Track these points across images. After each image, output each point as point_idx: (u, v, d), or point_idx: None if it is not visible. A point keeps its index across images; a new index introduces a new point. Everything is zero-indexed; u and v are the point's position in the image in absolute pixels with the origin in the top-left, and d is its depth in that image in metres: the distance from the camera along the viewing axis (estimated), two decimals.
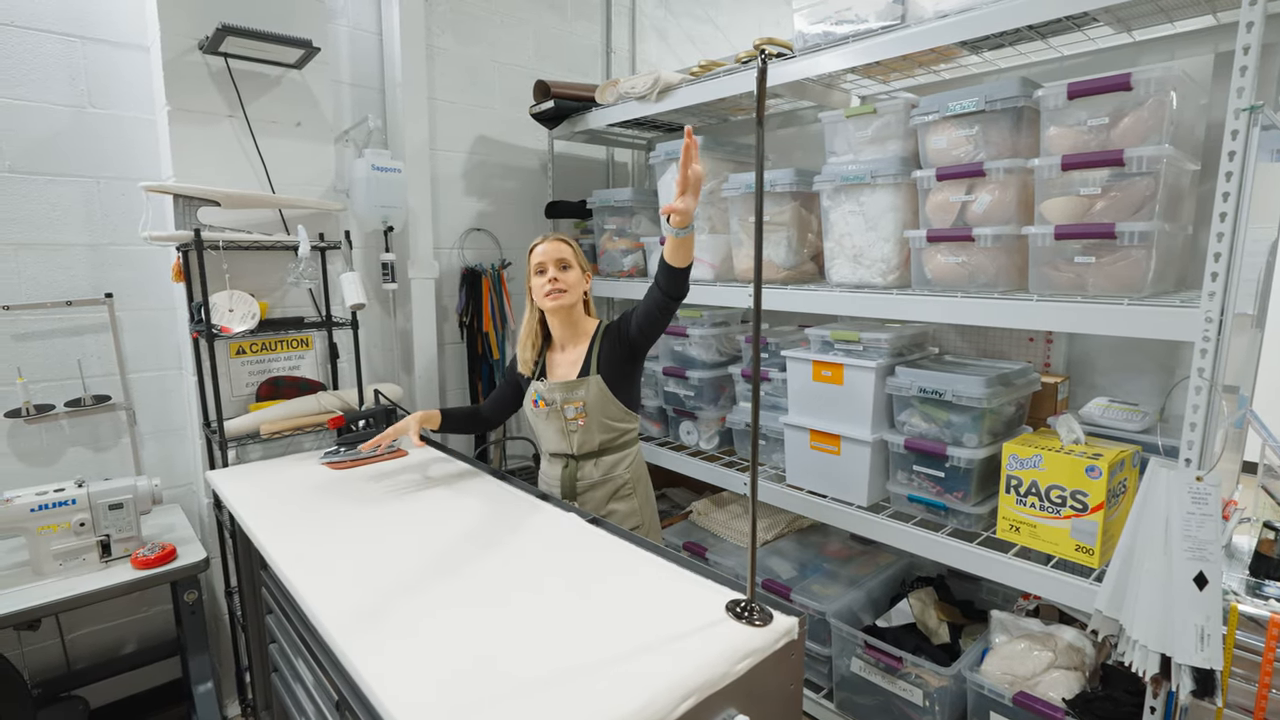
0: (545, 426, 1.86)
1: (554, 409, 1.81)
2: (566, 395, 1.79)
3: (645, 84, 2.46)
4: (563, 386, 1.79)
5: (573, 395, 1.79)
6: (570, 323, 1.84)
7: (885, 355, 2.00)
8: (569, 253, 1.80)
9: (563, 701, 0.93)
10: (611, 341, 1.81)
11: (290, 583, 1.34)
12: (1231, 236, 1.34)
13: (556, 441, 1.85)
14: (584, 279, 1.83)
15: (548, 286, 1.76)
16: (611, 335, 1.82)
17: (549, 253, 1.78)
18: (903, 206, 1.92)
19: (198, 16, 2.04)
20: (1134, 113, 1.51)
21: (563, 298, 1.77)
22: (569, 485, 1.84)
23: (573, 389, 1.79)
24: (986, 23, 1.66)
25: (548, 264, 1.77)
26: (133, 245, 2.18)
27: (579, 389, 1.79)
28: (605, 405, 1.80)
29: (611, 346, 1.80)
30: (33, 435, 2.06)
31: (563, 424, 1.81)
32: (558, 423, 1.82)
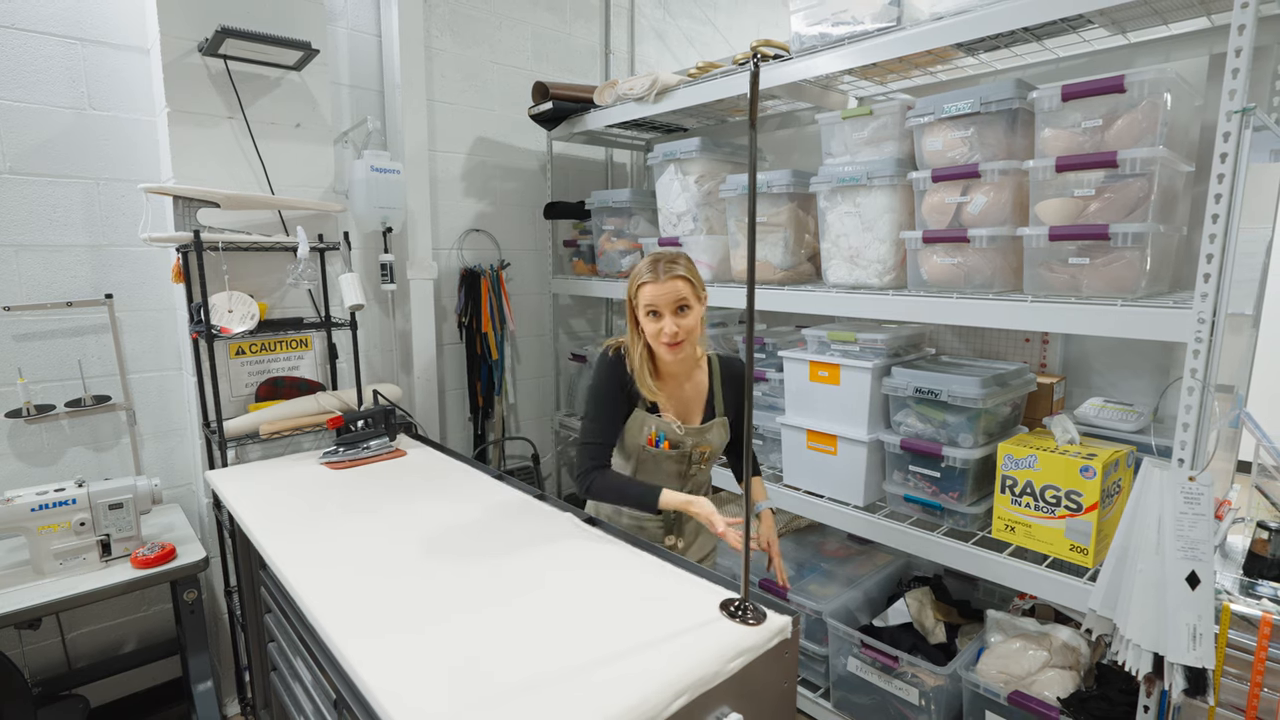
0: (658, 466, 1.64)
1: (681, 453, 1.63)
2: (698, 440, 1.63)
3: (643, 85, 2.47)
4: (694, 432, 1.62)
5: (703, 440, 1.64)
6: (686, 358, 1.61)
7: (882, 356, 2.01)
8: (688, 292, 1.51)
9: (558, 700, 0.94)
10: (731, 389, 1.68)
11: (289, 582, 1.35)
12: (1223, 238, 1.34)
13: (666, 481, 1.65)
14: (702, 308, 1.58)
15: (666, 338, 1.51)
16: (729, 383, 1.68)
17: (664, 297, 1.49)
18: (899, 208, 1.92)
19: (197, 19, 2.05)
20: (1128, 114, 1.52)
21: (682, 349, 1.53)
22: (672, 520, 1.69)
23: (703, 434, 1.64)
24: (982, 25, 1.67)
25: (663, 310, 1.50)
26: (133, 246, 2.19)
27: (708, 434, 1.64)
28: (723, 446, 1.70)
29: (731, 392, 1.68)
30: (33, 435, 2.07)
31: (684, 468, 1.66)
32: (679, 466, 1.65)
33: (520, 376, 3.19)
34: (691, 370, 1.66)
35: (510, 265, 3.07)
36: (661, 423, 1.60)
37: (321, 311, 2.36)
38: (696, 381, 1.66)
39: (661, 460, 1.63)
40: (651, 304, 1.50)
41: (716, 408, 1.66)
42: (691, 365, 1.65)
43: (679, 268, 1.52)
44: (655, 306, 1.50)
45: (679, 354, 1.53)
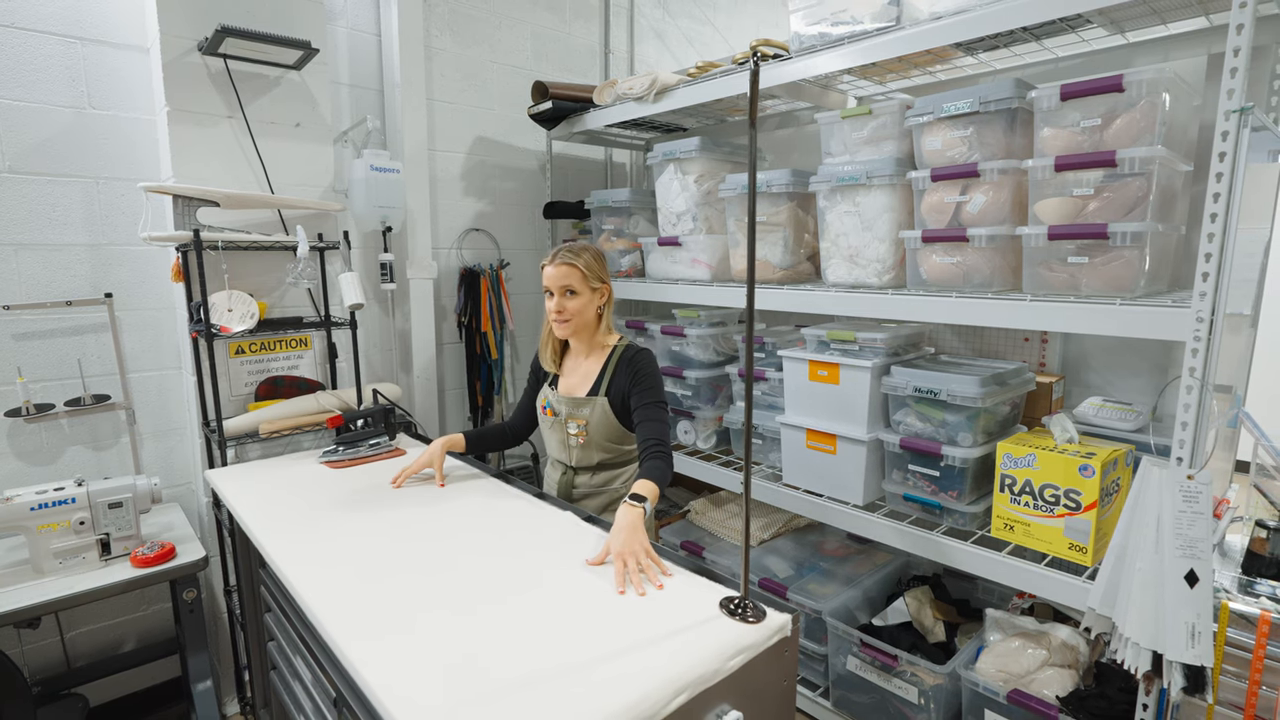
0: (549, 433, 1.87)
1: (559, 420, 1.81)
2: (571, 410, 1.78)
3: (643, 85, 2.47)
4: (570, 402, 1.78)
5: (577, 412, 1.78)
6: (583, 339, 1.80)
7: (881, 355, 2.01)
8: (576, 278, 1.71)
9: (558, 697, 0.94)
10: (624, 375, 1.74)
11: (289, 581, 1.35)
12: (1222, 237, 1.35)
13: (557, 449, 1.86)
14: (596, 298, 1.75)
15: (552, 315, 1.74)
16: (624, 369, 1.75)
17: (555, 278, 1.72)
18: (898, 207, 1.93)
19: (197, 18, 2.05)
20: (1126, 114, 1.52)
21: (566, 327, 1.74)
22: (565, 491, 1.85)
23: (578, 406, 1.77)
24: (981, 24, 1.67)
25: (553, 289, 1.73)
26: (133, 245, 2.19)
27: (584, 408, 1.77)
28: (607, 429, 1.77)
29: (623, 379, 1.74)
30: (32, 434, 2.07)
31: (565, 436, 1.81)
32: (560, 434, 1.82)
33: (519, 376, 3.19)
34: (591, 351, 1.81)
35: (510, 265, 3.07)
36: (550, 392, 1.84)
37: (321, 311, 2.36)
38: (593, 362, 1.80)
39: (546, 425, 1.86)
40: (546, 284, 1.74)
41: (600, 388, 1.76)
42: (592, 346, 1.81)
43: (573, 256, 1.72)
44: (548, 286, 1.74)
45: (565, 332, 1.75)
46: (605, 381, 1.76)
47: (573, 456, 1.82)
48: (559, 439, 1.83)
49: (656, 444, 1.63)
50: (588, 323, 1.76)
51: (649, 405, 1.70)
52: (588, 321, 1.76)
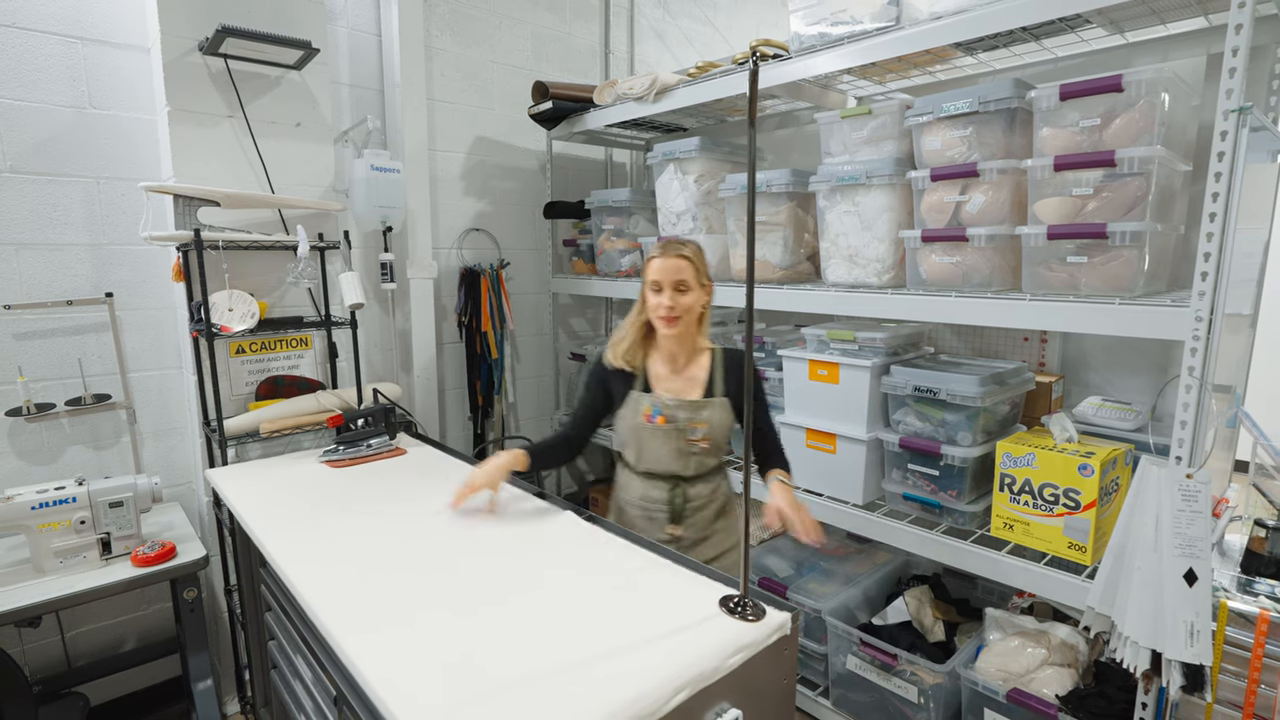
0: (657, 444, 1.66)
1: (675, 427, 1.64)
2: (692, 415, 1.64)
3: (643, 85, 2.47)
4: (688, 405, 1.64)
5: (698, 415, 1.64)
6: (684, 340, 1.68)
7: (881, 354, 2.02)
8: (689, 273, 1.60)
9: (557, 695, 0.94)
10: (735, 378, 1.68)
11: (289, 579, 1.35)
12: (1220, 237, 1.35)
13: (668, 461, 1.66)
14: (704, 294, 1.65)
15: (663, 310, 1.60)
16: (732, 366, 1.69)
17: (666, 272, 1.59)
18: (898, 207, 1.93)
19: (198, 18, 2.05)
20: (1125, 114, 1.53)
21: (675, 325, 1.61)
22: (678, 507, 1.68)
23: (698, 409, 1.64)
24: (980, 24, 1.67)
25: (664, 284, 1.60)
26: (133, 245, 2.19)
27: (704, 410, 1.64)
28: (726, 432, 1.69)
29: (734, 382, 1.68)
30: (33, 434, 2.08)
31: (681, 444, 1.64)
32: (676, 443, 1.64)
33: (520, 376, 3.19)
34: (693, 354, 1.70)
35: (510, 264, 3.07)
36: (655, 398, 1.66)
37: (321, 311, 2.37)
38: (698, 365, 1.70)
39: (653, 436, 1.66)
40: (655, 278, 1.61)
41: (716, 389, 1.67)
42: (692, 349, 1.70)
43: (685, 248, 1.62)
44: (658, 280, 1.60)
45: (673, 330, 1.61)
46: (719, 383, 1.67)
47: (691, 465, 1.67)
48: (672, 448, 1.65)
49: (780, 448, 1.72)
50: (693, 321, 1.65)
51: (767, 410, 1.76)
52: (694, 320, 1.65)
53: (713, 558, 1.71)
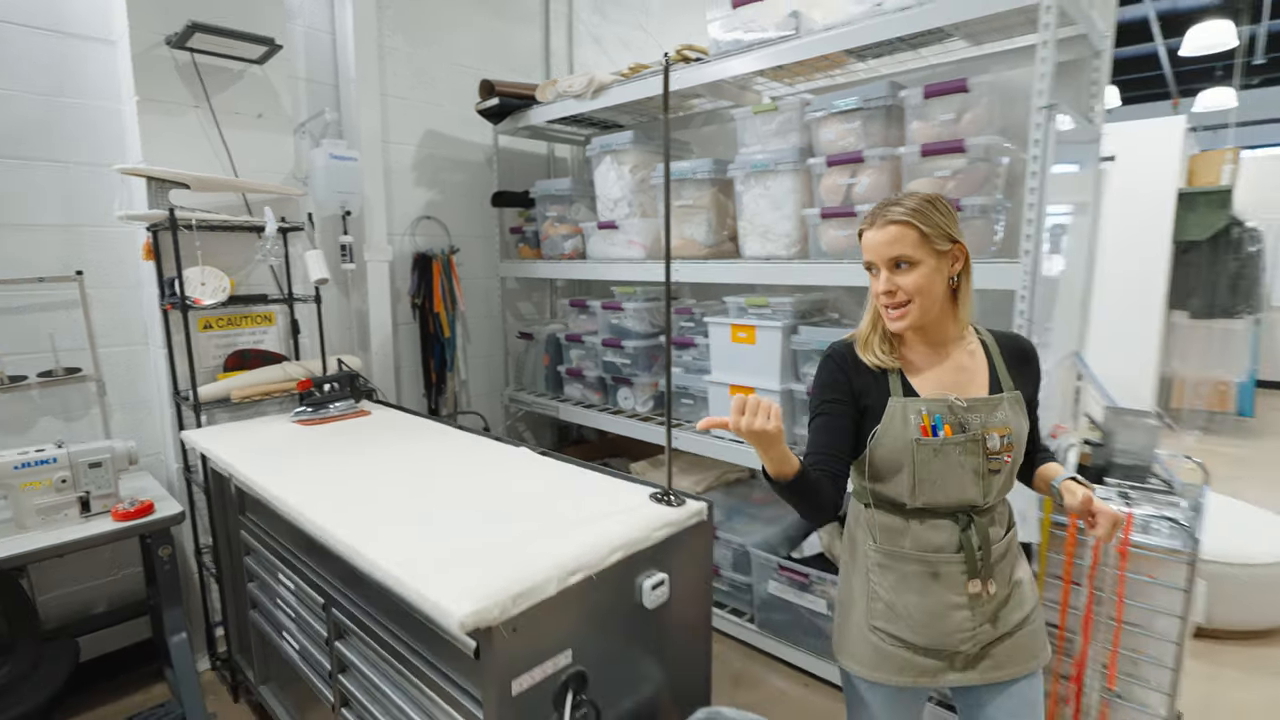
0: (943, 466, 1.18)
1: (971, 438, 1.18)
2: (988, 418, 1.19)
3: (581, 83, 2.74)
4: (983, 405, 1.19)
5: (994, 418, 1.19)
6: (941, 324, 1.23)
7: (790, 317, 2.34)
8: (911, 241, 1.16)
9: (524, 554, 1.19)
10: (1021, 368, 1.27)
11: (285, 502, 1.54)
12: (1039, 208, 1.71)
13: (959, 488, 1.19)
14: (944, 265, 1.18)
15: (883, 300, 1.21)
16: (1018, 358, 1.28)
17: (877, 247, 1.19)
18: (801, 189, 2.26)
19: (165, 14, 2.20)
20: (972, 110, 1.89)
21: (904, 316, 1.19)
22: (974, 552, 1.20)
23: (993, 409, 1.19)
24: (863, 34, 2.01)
25: (877, 263, 1.20)
26: (101, 226, 2.32)
27: (998, 409, 1.20)
28: (1024, 438, 1.23)
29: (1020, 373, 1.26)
30: (5, 405, 2.18)
31: (980, 461, 1.18)
32: (973, 460, 1.18)
33: (471, 355, 3.40)
34: (958, 340, 1.25)
35: (460, 250, 3.28)
36: (931, 402, 1.19)
37: (284, 288, 2.53)
38: (970, 355, 1.25)
39: (950, 455, 1.17)
40: (866, 257, 1.22)
41: (1001, 380, 1.23)
42: (952, 335, 1.25)
43: (899, 210, 1.17)
44: (869, 260, 1.22)
45: (903, 323, 1.19)
46: (1002, 375, 1.24)
47: (992, 491, 1.20)
48: (971, 468, 1.18)
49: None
50: (937, 305, 1.20)
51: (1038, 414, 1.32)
52: (937, 304, 1.19)
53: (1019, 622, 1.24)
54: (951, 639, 1.21)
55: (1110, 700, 1.74)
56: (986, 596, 1.21)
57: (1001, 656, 1.23)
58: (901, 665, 1.24)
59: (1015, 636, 1.24)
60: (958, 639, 1.21)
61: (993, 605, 1.22)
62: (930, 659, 1.23)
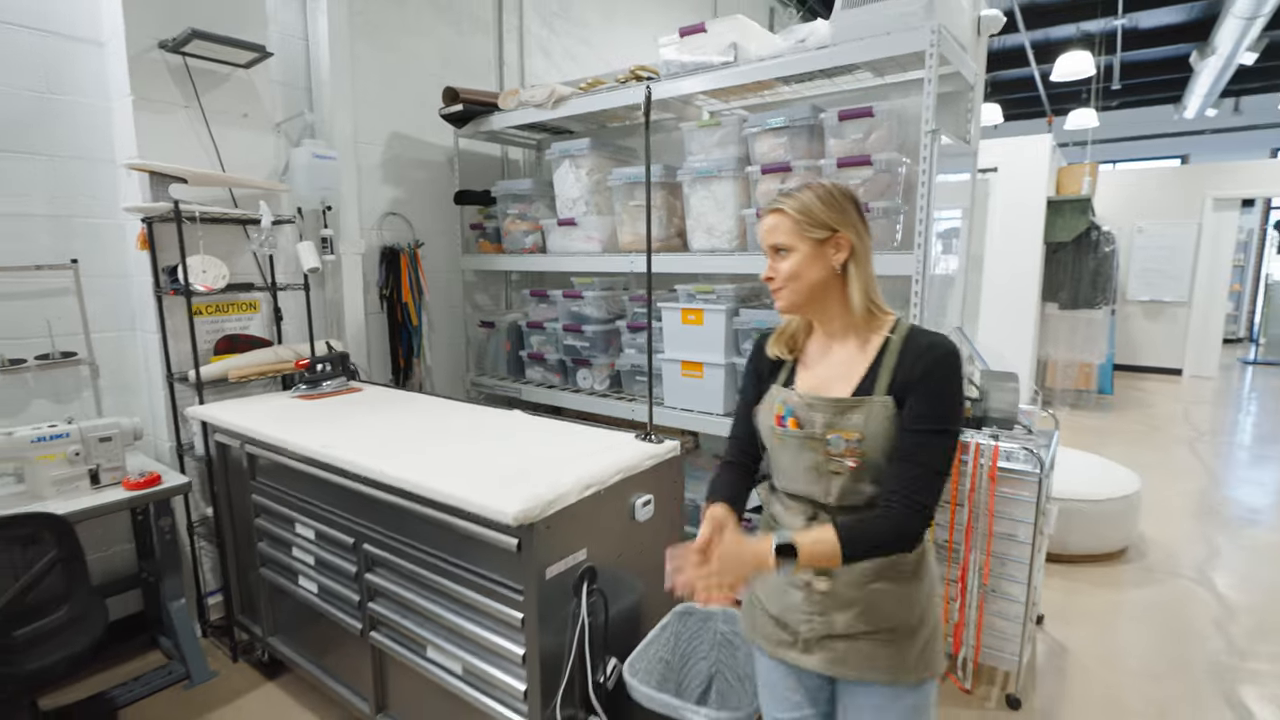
0: (789, 457, 1.24)
1: (810, 435, 1.19)
2: (833, 419, 1.18)
3: (543, 94, 3.05)
4: (830, 405, 1.18)
5: (842, 420, 1.17)
6: (830, 317, 1.25)
7: (732, 301, 2.74)
8: (785, 229, 1.21)
9: (550, 474, 1.52)
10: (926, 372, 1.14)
11: (328, 455, 1.79)
12: (929, 210, 2.18)
13: (804, 481, 1.23)
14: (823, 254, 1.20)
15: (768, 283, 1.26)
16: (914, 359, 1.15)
17: (761, 235, 1.25)
18: (740, 193, 2.66)
19: (158, 19, 2.36)
20: (878, 131, 2.34)
21: (782, 297, 1.25)
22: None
23: (844, 411, 1.17)
24: (791, 66, 2.43)
25: (767, 249, 1.25)
26: (90, 218, 2.44)
27: (854, 413, 1.16)
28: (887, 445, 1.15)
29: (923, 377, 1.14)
30: (2, 387, 2.28)
31: (819, 460, 1.19)
32: (811, 457, 1.20)
33: (434, 344, 3.63)
34: (857, 331, 1.23)
35: (424, 244, 3.51)
36: (791, 394, 1.23)
37: (268, 278, 2.72)
38: (854, 348, 1.23)
39: (783, 444, 1.23)
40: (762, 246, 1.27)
41: (878, 382, 1.17)
42: (853, 324, 1.23)
43: (779, 200, 1.23)
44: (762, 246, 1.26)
45: (782, 304, 1.25)
46: (884, 374, 1.17)
47: (833, 490, 1.20)
48: (807, 464, 1.21)
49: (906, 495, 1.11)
50: (812, 292, 1.22)
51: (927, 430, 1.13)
52: (811, 290, 1.21)
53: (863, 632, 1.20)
54: (792, 616, 1.25)
55: (986, 594, 2.23)
56: (816, 589, 1.21)
57: (843, 651, 1.21)
58: (764, 631, 1.30)
59: (859, 641, 1.20)
60: (796, 618, 1.24)
61: (829, 602, 1.21)
62: (779, 630, 1.27)
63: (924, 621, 1.22)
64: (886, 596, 1.20)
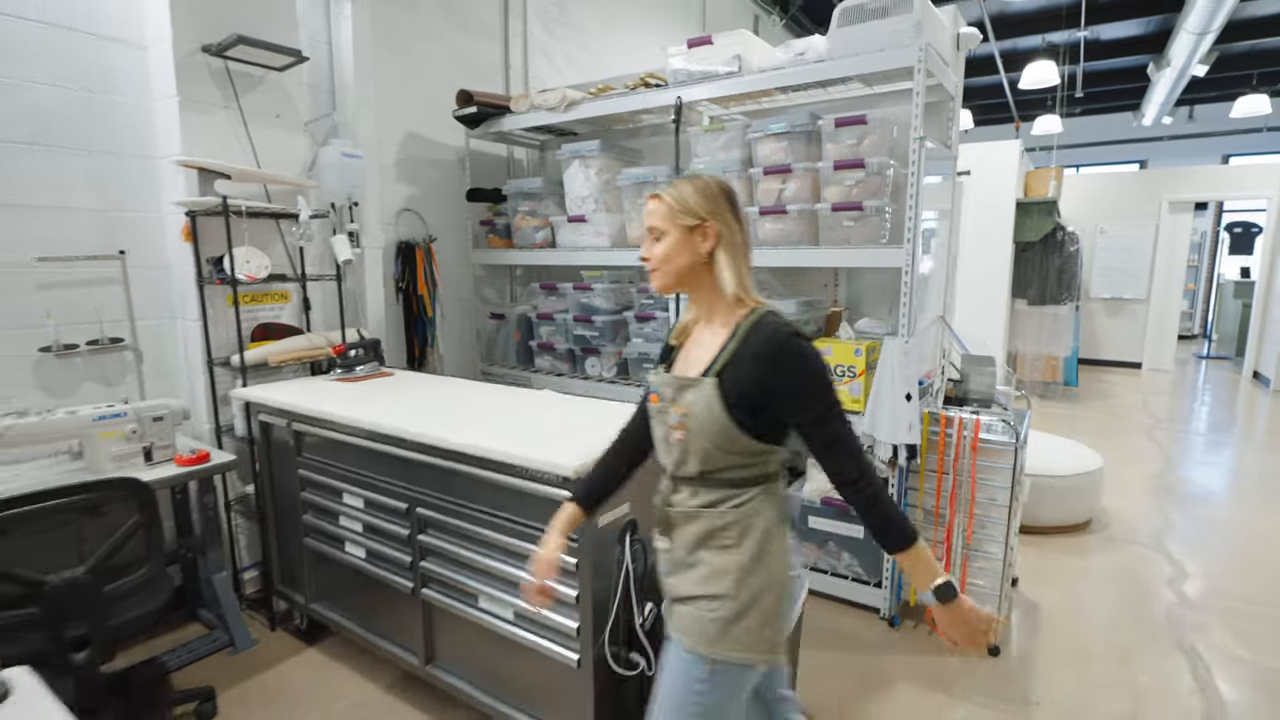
0: (656, 430, 1.37)
1: (661, 410, 1.32)
2: (675, 395, 1.28)
3: (555, 98, 3.24)
4: (675, 383, 1.30)
5: (680, 398, 1.27)
6: (701, 301, 1.33)
7: None
8: (660, 214, 1.29)
9: (594, 436, 1.72)
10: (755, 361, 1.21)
11: (368, 423, 1.97)
12: (916, 209, 2.42)
13: (662, 451, 1.36)
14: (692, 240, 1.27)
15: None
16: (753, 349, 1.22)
17: (643, 218, 1.33)
18: (743, 193, 2.89)
19: (202, 25, 2.51)
20: (870, 137, 2.58)
21: (655, 278, 1.33)
22: (662, 510, 1.35)
23: (683, 389, 1.27)
24: (791, 77, 2.66)
25: (646, 231, 1.33)
26: (132, 211, 2.57)
27: (688, 391, 1.26)
28: (713, 428, 1.23)
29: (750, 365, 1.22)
30: (54, 370, 2.41)
31: (666, 432, 1.32)
32: (662, 429, 1.34)
33: (447, 334, 3.80)
34: (715, 318, 1.31)
35: (437, 240, 3.68)
36: (658, 374, 1.37)
37: (297, 269, 2.87)
38: (714, 332, 1.30)
39: (655, 421, 1.36)
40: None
41: (711, 369, 1.25)
42: (714, 310, 1.31)
43: (665, 188, 1.30)
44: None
45: (655, 283, 1.33)
46: (722, 357, 1.25)
47: (674, 460, 1.31)
48: (660, 435, 1.35)
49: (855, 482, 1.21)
50: (680, 274, 1.30)
51: (821, 419, 1.21)
52: (680, 272, 1.29)
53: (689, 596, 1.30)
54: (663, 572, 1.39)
55: (969, 553, 2.49)
56: (665, 550, 1.35)
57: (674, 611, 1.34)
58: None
59: (685, 604, 1.31)
60: (662, 574, 1.38)
61: (670, 563, 1.35)
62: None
63: (735, 598, 1.24)
64: (704, 566, 1.28)
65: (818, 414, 1.21)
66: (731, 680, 1.28)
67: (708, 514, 1.27)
